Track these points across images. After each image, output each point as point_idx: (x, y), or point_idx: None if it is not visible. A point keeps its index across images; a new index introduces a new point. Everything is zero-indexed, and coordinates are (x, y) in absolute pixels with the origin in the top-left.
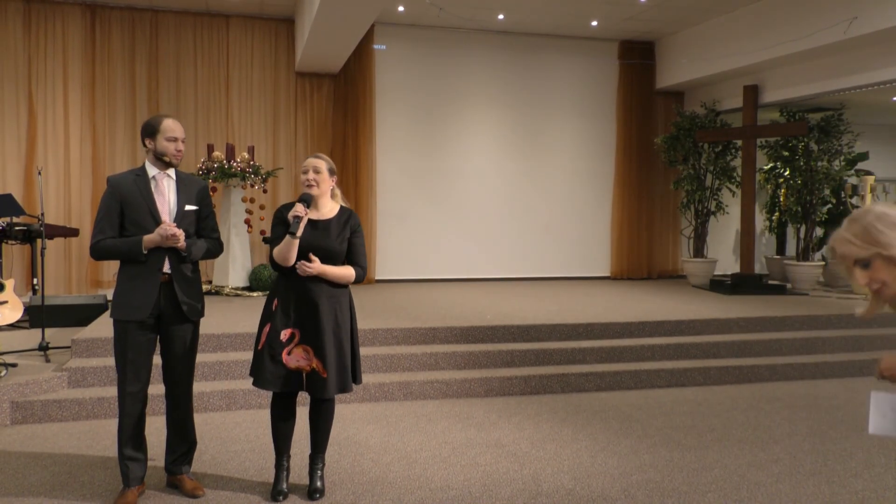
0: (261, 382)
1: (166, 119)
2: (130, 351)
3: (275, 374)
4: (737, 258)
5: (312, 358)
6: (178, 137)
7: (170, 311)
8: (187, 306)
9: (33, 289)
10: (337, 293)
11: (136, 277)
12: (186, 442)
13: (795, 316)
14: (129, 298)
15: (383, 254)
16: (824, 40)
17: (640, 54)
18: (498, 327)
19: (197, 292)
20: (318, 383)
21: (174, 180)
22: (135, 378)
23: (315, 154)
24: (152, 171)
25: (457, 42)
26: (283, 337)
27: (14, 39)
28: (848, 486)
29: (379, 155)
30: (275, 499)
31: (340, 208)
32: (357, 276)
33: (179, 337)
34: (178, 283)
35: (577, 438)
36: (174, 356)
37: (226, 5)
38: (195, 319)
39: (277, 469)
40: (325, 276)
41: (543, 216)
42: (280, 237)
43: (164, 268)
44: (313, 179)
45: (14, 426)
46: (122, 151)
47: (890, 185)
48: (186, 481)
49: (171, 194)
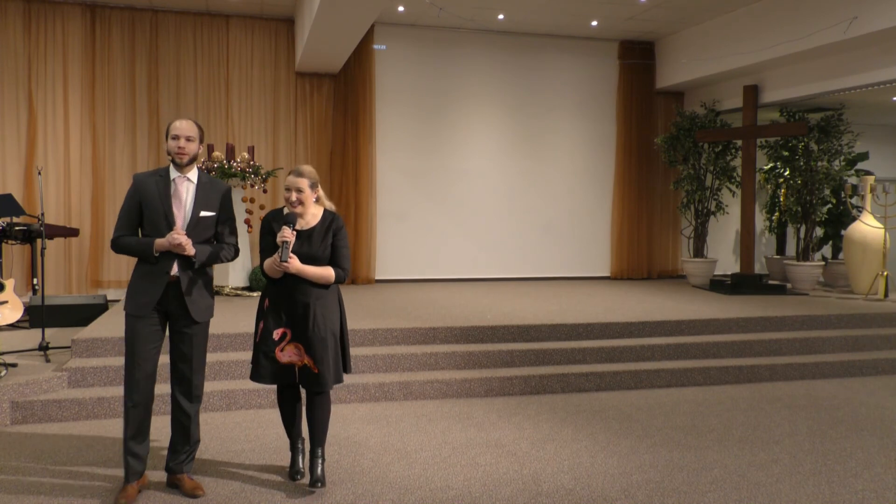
0: (256, 376)
1: (176, 120)
2: (136, 343)
3: (269, 370)
4: (737, 258)
5: (304, 355)
6: (180, 135)
7: (177, 311)
8: (193, 307)
9: (33, 289)
10: (323, 293)
11: (147, 276)
12: (189, 442)
13: (795, 316)
14: (139, 295)
15: (383, 254)
16: (824, 40)
17: (640, 54)
18: (498, 327)
19: (205, 294)
20: (311, 378)
21: (194, 184)
22: (139, 369)
23: (295, 170)
24: (173, 174)
25: (457, 42)
26: (276, 336)
27: (14, 39)
28: (848, 486)
29: (379, 155)
30: (293, 478)
31: (324, 212)
32: (337, 276)
33: (185, 337)
34: (184, 285)
35: (577, 438)
36: (180, 355)
37: (226, 5)
38: (201, 320)
39: (293, 451)
40: (303, 276)
41: (543, 216)
42: (268, 248)
43: (172, 270)
44: (297, 199)
45: (14, 426)
46: (122, 151)
47: (890, 185)
48: (186, 481)
49: (188, 199)
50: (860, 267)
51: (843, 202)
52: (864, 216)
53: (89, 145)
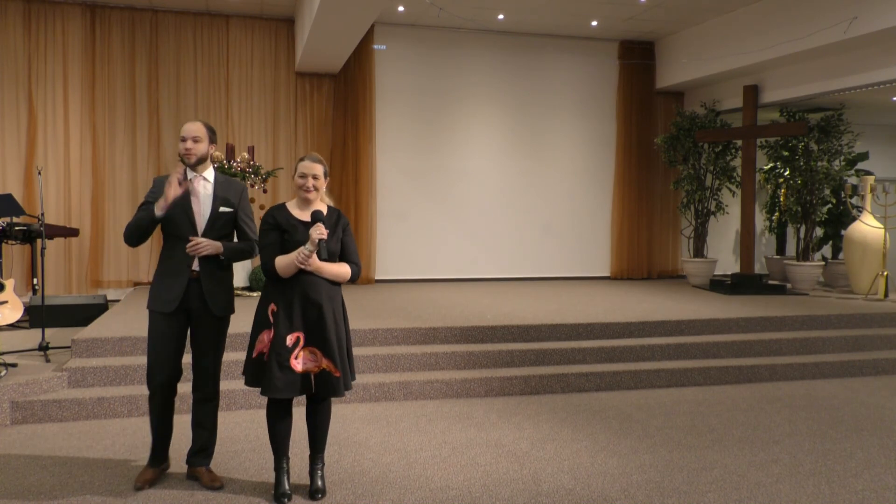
0: (272, 391)
1: (187, 122)
2: (158, 341)
3: (285, 381)
4: (737, 258)
5: (322, 359)
6: (187, 137)
7: (198, 307)
8: (214, 303)
9: (33, 289)
10: (334, 293)
11: (169, 274)
12: (207, 437)
13: (795, 316)
14: (161, 292)
15: (383, 254)
16: (824, 40)
17: (640, 54)
18: (498, 327)
19: (225, 289)
20: (331, 382)
21: (211, 183)
22: (160, 367)
23: (310, 156)
24: (190, 174)
25: (457, 42)
26: (289, 342)
27: (14, 39)
28: (848, 486)
29: (379, 155)
30: (279, 501)
31: (329, 208)
32: (353, 273)
33: (205, 332)
34: (205, 281)
35: (577, 438)
36: (200, 351)
37: (226, 5)
38: (222, 315)
39: (278, 472)
40: (322, 273)
41: (543, 216)
42: (272, 244)
43: (193, 265)
44: (313, 185)
45: (14, 426)
46: (123, 151)
47: (890, 185)
48: (205, 473)
49: (206, 197)
50: (860, 267)
51: (843, 202)
52: (864, 216)
53: (89, 145)
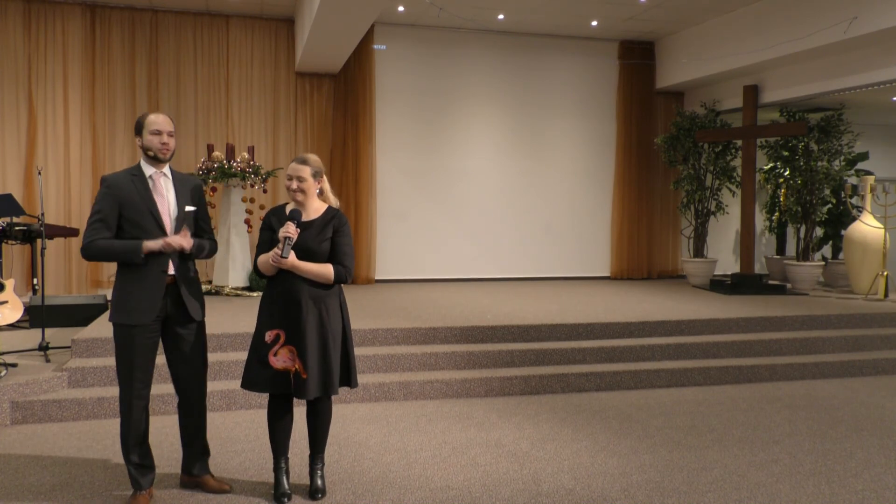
0: (248, 384)
1: (151, 114)
2: (138, 357)
3: (261, 376)
4: (737, 258)
5: (296, 359)
6: (163, 131)
7: (175, 313)
8: (192, 306)
9: (33, 289)
10: (322, 294)
11: (139, 280)
12: (201, 448)
13: (795, 316)
14: (133, 301)
15: (383, 254)
16: (824, 40)
17: (640, 54)
18: (498, 327)
19: (198, 291)
20: (300, 384)
21: (171, 179)
22: (142, 385)
23: (299, 158)
24: (148, 171)
25: (457, 42)
26: (269, 338)
27: (14, 39)
28: (848, 486)
29: (379, 155)
30: (279, 501)
31: (327, 208)
32: (337, 274)
33: (186, 338)
34: (182, 284)
35: (577, 438)
36: (183, 360)
37: (226, 5)
38: (199, 319)
39: (277, 472)
40: (298, 271)
41: (543, 216)
42: (263, 242)
43: (168, 269)
44: (297, 187)
45: (14, 426)
46: (122, 151)
47: (890, 185)
48: (210, 481)
49: (169, 194)
50: (860, 267)
51: (843, 202)
52: (864, 216)
53: (89, 145)
